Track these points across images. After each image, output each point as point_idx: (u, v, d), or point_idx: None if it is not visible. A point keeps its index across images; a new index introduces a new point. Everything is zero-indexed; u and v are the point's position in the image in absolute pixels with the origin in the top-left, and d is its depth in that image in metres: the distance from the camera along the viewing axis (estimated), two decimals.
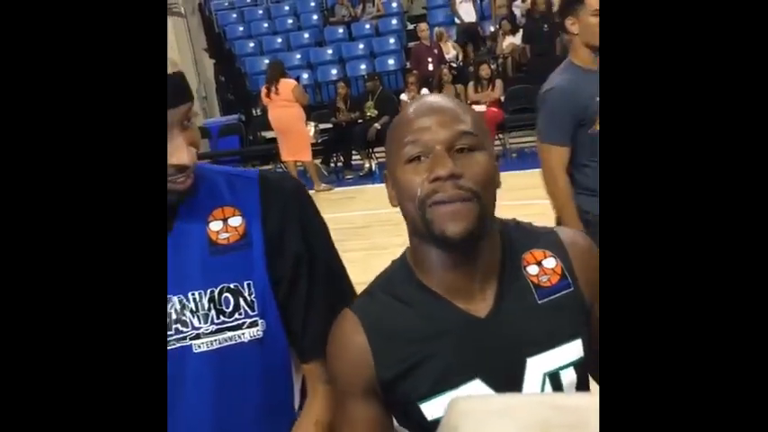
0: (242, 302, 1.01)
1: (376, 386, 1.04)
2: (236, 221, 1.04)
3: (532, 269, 1.08)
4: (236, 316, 1.01)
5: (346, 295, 1.10)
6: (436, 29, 10.89)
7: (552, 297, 1.06)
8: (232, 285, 1.00)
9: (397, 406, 1.06)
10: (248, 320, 1.01)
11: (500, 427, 0.41)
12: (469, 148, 1.01)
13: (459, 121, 1.02)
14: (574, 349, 1.05)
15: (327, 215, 1.12)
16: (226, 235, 1.02)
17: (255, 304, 1.02)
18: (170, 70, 0.93)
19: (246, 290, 1.02)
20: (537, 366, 1.03)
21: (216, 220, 1.03)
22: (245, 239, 1.03)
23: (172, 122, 0.93)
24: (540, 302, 1.05)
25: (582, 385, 1.06)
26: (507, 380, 1.01)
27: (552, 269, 1.08)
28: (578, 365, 1.05)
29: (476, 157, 1.01)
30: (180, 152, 0.94)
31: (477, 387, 1.01)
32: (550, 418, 0.42)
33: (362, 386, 1.04)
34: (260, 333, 1.02)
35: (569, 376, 1.04)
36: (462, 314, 1.03)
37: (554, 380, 1.03)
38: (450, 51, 10.53)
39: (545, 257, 1.09)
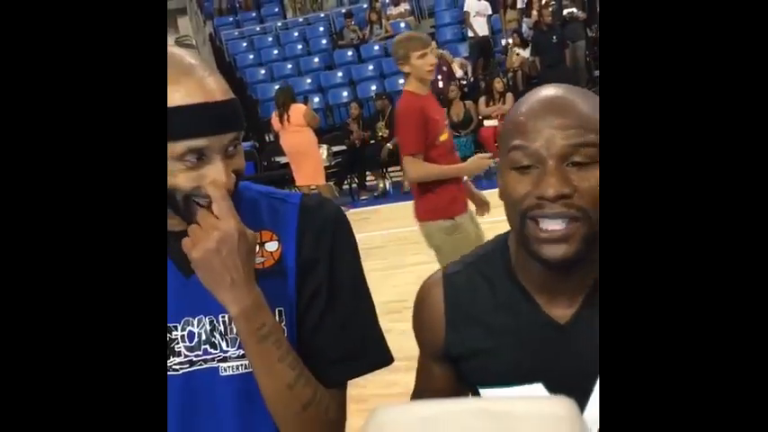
0: (281, 325, 0.99)
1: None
2: (272, 246, 1.02)
3: None
4: None
5: (368, 329, 1.07)
6: (438, 51, 10.92)
7: None
8: None
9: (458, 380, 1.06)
10: None
11: None
12: (585, 162, 0.89)
13: (580, 127, 0.89)
14: None
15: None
16: (261, 259, 1.01)
17: (285, 331, 1.00)
18: (220, 97, 0.92)
19: (277, 316, 1.00)
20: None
21: None
22: (280, 265, 1.02)
23: (214, 148, 0.91)
24: None
25: None
26: (573, 391, 0.95)
27: None
28: None
29: (592, 173, 0.88)
30: (219, 176, 0.92)
31: (538, 390, 0.97)
32: (476, 429, 0.39)
33: (433, 350, 1.06)
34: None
35: None
36: (543, 317, 0.98)
37: None
38: (458, 71, 10.56)
39: None
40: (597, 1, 10.45)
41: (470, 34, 11.15)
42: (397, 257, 6.37)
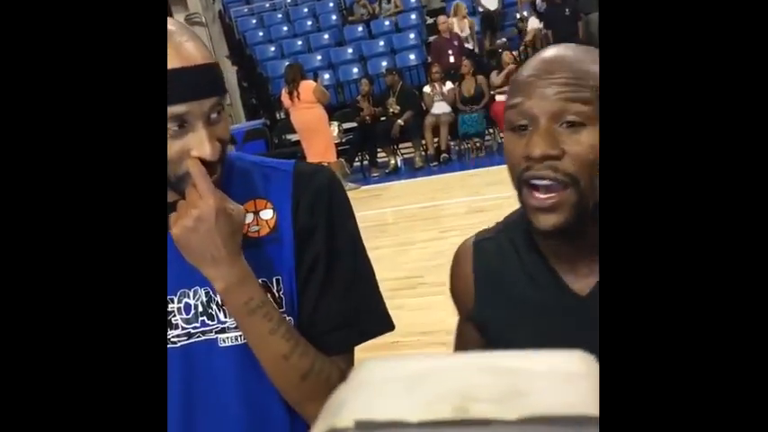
0: (269, 298, 0.98)
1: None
2: (267, 214, 1.02)
3: None
4: None
5: (368, 296, 1.07)
6: (455, 3, 10.87)
7: None
8: (260, 281, 0.98)
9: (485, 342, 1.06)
10: None
11: (398, 406, 0.32)
12: (579, 123, 0.87)
13: (577, 85, 0.87)
14: None
15: (356, 214, 1.10)
16: (256, 228, 1.01)
17: (283, 301, 1.00)
18: (200, 61, 0.91)
19: (275, 285, 1.00)
20: None
21: (248, 212, 1.01)
22: (276, 233, 1.01)
23: (195, 114, 0.90)
24: None
25: None
26: None
27: None
28: None
29: (584, 135, 0.86)
30: (201, 145, 0.91)
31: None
32: (473, 389, 0.33)
33: (467, 314, 1.08)
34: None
35: None
36: (564, 289, 0.97)
37: None
38: (466, 29, 10.51)
39: None
40: None
41: (480, 9, 11.06)
42: (408, 234, 6.37)
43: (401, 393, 0.34)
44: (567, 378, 0.36)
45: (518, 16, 10.88)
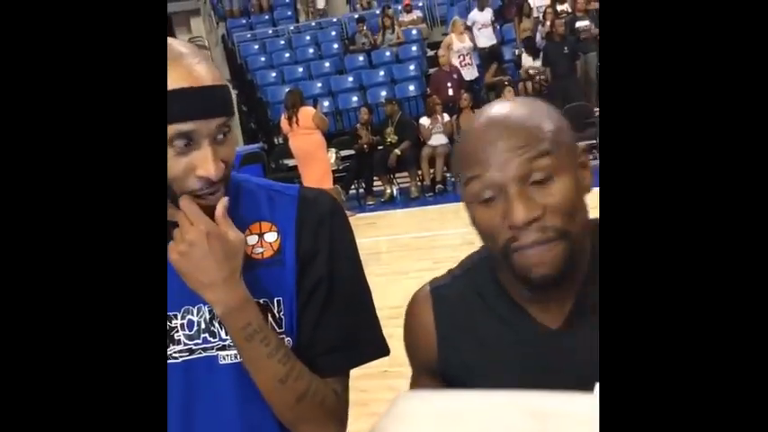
0: (270, 319, 1.00)
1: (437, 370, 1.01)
2: (271, 237, 1.04)
3: None
4: None
5: (366, 320, 1.08)
6: (453, 19, 11.01)
7: None
8: (261, 301, 1.00)
9: None
10: None
11: None
12: (547, 177, 0.87)
13: (533, 141, 0.87)
14: None
15: None
16: (260, 250, 1.03)
17: (283, 322, 1.02)
18: (209, 82, 0.93)
19: (276, 306, 1.01)
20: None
21: (252, 234, 1.03)
22: (279, 256, 1.03)
23: (202, 133, 0.92)
24: None
25: None
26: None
27: None
28: None
29: (556, 186, 0.87)
30: (205, 164, 0.93)
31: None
32: (506, 427, 0.33)
33: (426, 366, 1.03)
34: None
35: None
36: (534, 324, 0.96)
37: None
38: (466, 41, 10.67)
39: None
40: None
41: (479, 45, 11.17)
42: (401, 263, 6.37)
43: (439, 431, 0.33)
44: (590, 420, 0.36)
45: (516, 52, 10.97)
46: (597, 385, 0.59)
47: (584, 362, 0.90)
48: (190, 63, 0.93)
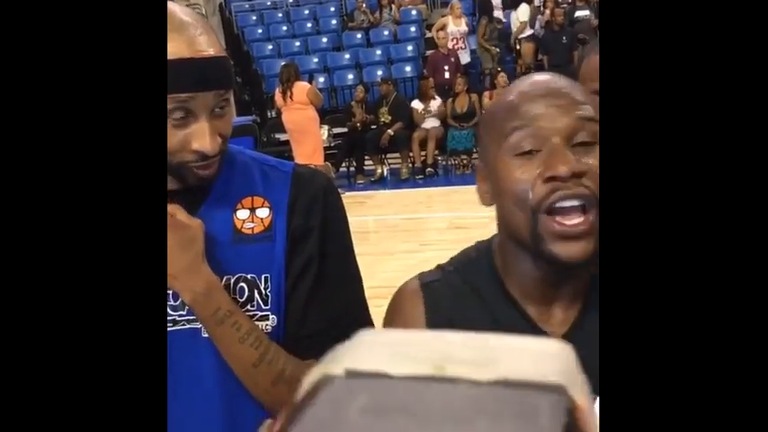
0: (256, 295, 1.00)
1: None
2: (263, 213, 1.03)
3: None
4: (248, 307, 1.00)
5: (354, 302, 1.08)
6: (452, 2, 11.00)
7: None
8: (249, 276, 1.00)
9: None
10: (260, 313, 1.01)
11: (383, 362, 0.36)
12: (592, 141, 0.82)
13: (579, 105, 0.83)
14: None
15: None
16: (251, 225, 1.02)
17: (270, 299, 1.01)
18: (210, 54, 0.92)
19: (263, 283, 1.01)
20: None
21: (244, 208, 1.02)
22: (269, 232, 1.02)
23: (200, 105, 0.91)
24: None
25: None
26: None
27: None
28: None
29: (596, 153, 0.81)
30: (202, 138, 0.92)
31: None
32: (453, 354, 0.36)
33: None
34: (269, 328, 1.01)
35: None
36: (535, 330, 0.88)
37: None
38: (462, 26, 10.67)
39: None
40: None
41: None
42: (388, 244, 6.39)
43: (388, 353, 0.37)
44: (539, 354, 0.39)
45: (515, 42, 10.94)
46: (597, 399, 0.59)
47: (588, 374, 0.86)
48: (192, 34, 0.92)
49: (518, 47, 10.70)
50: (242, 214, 1.02)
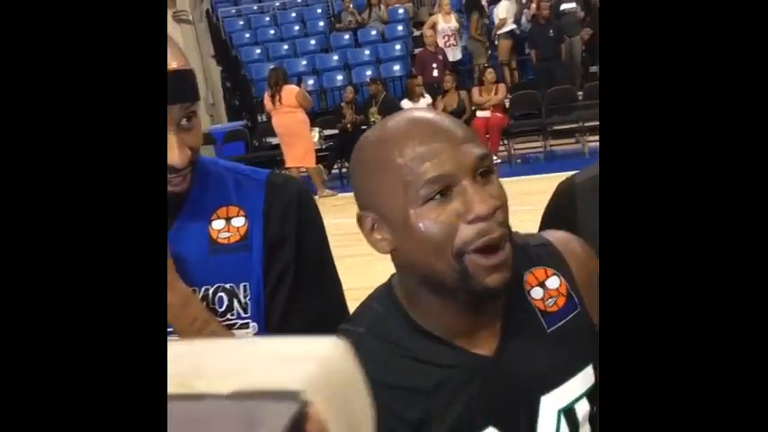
0: (236, 304, 1.01)
1: None
2: (238, 222, 1.03)
3: (536, 292, 0.92)
4: (228, 316, 1.01)
5: (333, 306, 1.09)
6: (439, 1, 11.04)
7: (561, 323, 0.91)
8: (228, 286, 1.01)
9: None
10: (240, 321, 1.01)
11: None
12: (490, 170, 0.82)
13: (471, 137, 0.83)
14: (586, 378, 0.91)
15: (330, 220, 1.12)
16: (227, 234, 1.02)
17: (249, 307, 1.02)
18: (173, 67, 0.92)
19: (242, 291, 1.02)
20: (551, 404, 0.89)
21: (219, 218, 1.03)
22: (246, 241, 1.03)
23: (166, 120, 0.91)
24: (548, 331, 0.90)
25: (595, 418, 0.91)
26: (521, 424, 0.88)
27: (557, 290, 0.92)
28: (591, 394, 0.90)
29: (497, 181, 0.83)
30: (170, 152, 0.92)
31: None
32: (205, 367, 0.37)
33: None
34: (250, 335, 1.02)
35: (583, 408, 0.90)
36: (469, 355, 0.88)
37: (569, 416, 0.89)
38: (452, 22, 10.68)
39: (547, 277, 0.92)
40: None
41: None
42: None
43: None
44: (297, 358, 0.39)
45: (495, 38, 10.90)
46: None
47: (525, 385, 0.88)
48: None
49: (496, 42, 10.71)
50: (217, 224, 1.02)
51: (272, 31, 12.90)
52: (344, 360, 0.42)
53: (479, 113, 9.04)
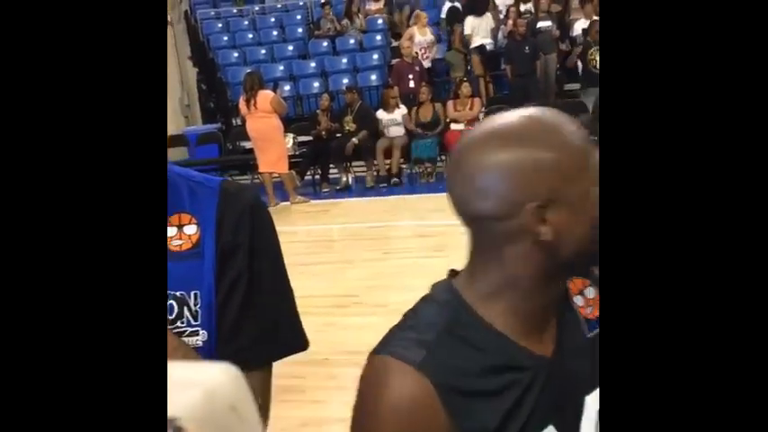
0: (186, 312, 1.01)
1: None
2: (191, 230, 1.03)
3: (578, 300, 0.98)
4: (178, 324, 1.01)
5: (286, 315, 1.10)
6: (416, 12, 11.09)
7: (595, 330, 0.96)
8: (178, 294, 1.00)
9: None
10: (189, 329, 1.01)
11: None
12: None
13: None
14: None
15: (301, 227, 1.13)
16: (179, 242, 1.02)
17: (199, 315, 1.02)
18: None
19: (192, 300, 1.02)
20: (592, 405, 0.92)
21: (171, 226, 1.02)
22: (198, 249, 1.02)
23: None
24: (588, 336, 0.96)
25: None
26: (572, 424, 0.92)
27: (593, 299, 0.98)
28: None
29: None
30: None
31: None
32: None
33: None
34: (200, 342, 1.02)
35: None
36: (534, 357, 0.91)
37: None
38: (428, 35, 10.78)
39: (584, 287, 1.00)
40: (570, 16, 10.58)
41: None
42: (351, 252, 6.39)
43: None
44: (180, 386, 0.42)
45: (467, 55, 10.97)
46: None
47: (575, 386, 0.93)
48: None
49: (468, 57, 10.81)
50: (169, 231, 1.02)
51: (251, 36, 12.87)
52: (232, 387, 0.44)
53: (453, 126, 9.10)
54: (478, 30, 10.54)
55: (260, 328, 1.05)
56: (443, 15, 11.57)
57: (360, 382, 0.92)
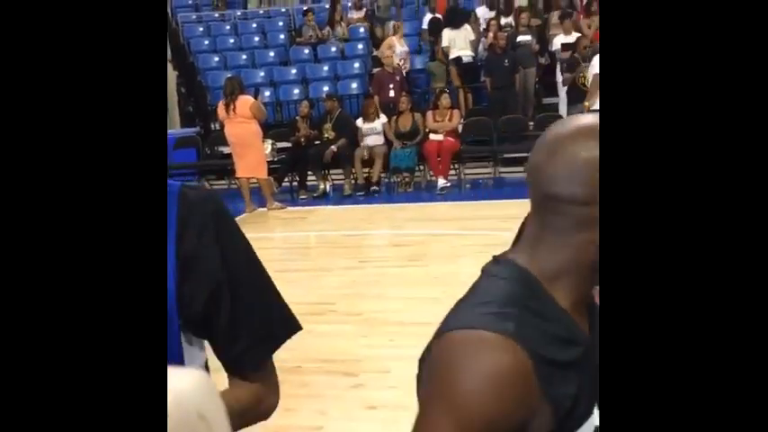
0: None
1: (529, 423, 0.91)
2: None
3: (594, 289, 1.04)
4: None
5: (272, 306, 1.10)
6: (392, 22, 11.15)
7: None
8: None
9: None
10: None
11: None
12: None
13: None
14: None
15: (278, 234, 1.13)
16: None
17: None
18: None
19: None
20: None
21: None
22: None
23: None
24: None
25: None
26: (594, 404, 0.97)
27: None
28: None
29: None
30: None
31: (595, 415, 0.96)
32: None
33: (515, 426, 0.90)
34: None
35: None
36: (584, 335, 0.99)
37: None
38: (404, 46, 10.92)
39: None
40: (550, 31, 10.67)
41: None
42: (327, 260, 6.38)
43: None
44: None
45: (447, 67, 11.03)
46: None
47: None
48: None
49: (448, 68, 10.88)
50: None
51: (232, 41, 12.85)
52: (200, 394, 0.44)
53: (432, 136, 9.13)
54: (455, 42, 10.60)
55: (255, 328, 1.06)
56: (425, 26, 11.62)
57: (437, 363, 0.92)
